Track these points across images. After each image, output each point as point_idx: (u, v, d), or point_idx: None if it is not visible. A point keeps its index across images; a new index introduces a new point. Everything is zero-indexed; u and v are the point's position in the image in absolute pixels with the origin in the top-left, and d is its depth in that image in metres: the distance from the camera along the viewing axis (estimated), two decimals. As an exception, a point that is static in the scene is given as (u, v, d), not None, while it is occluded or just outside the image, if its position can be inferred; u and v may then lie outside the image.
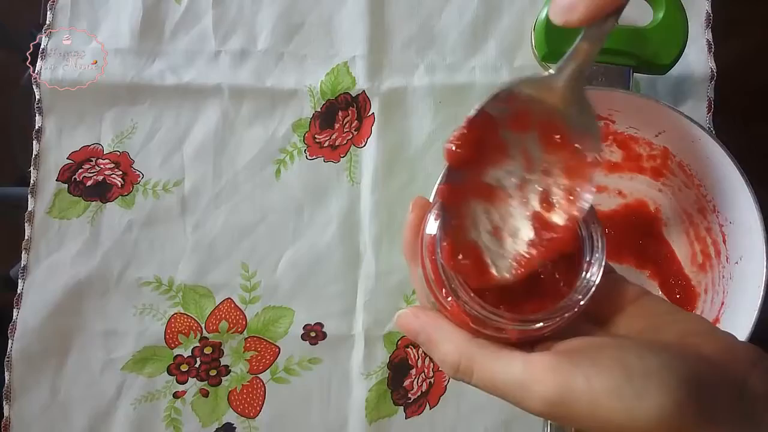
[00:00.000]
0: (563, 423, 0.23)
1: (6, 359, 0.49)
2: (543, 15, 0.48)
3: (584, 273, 0.25)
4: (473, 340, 0.25)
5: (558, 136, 0.26)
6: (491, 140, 0.26)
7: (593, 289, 0.25)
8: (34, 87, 0.53)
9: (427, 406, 0.50)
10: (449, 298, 0.25)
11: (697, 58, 0.54)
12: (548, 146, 0.26)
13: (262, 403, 0.50)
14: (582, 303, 0.24)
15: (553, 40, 0.48)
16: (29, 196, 0.52)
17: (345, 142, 0.53)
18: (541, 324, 0.24)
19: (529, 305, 0.25)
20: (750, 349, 0.24)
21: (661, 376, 0.21)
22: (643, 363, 0.21)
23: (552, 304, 0.25)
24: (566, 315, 0.24)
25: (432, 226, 0.26)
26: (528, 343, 0.25)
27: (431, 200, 0.29)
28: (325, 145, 0.53)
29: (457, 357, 0.25)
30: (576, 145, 0.26)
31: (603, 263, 0.25)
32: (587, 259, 0.25)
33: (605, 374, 0.21)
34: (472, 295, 0.24)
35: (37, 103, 0.53)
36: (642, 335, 0.25)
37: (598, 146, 0.26)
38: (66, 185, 0.52)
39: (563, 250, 0.25)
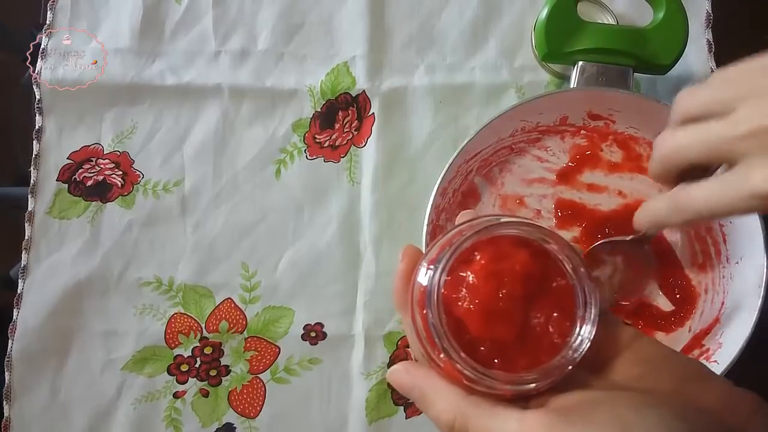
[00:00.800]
0: None
1: (6, 359, 0.49)
2: (543, 15, 0.48)
3: (578, 328, 0.25)
4: (467, 398, 0.24)
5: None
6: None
7: (587, 346, 0.24)
8: (34, 87, 0.53)
9: (427, 406, 0.50)
10: (441, 355, 0.24)
11: (697, 58, 0.54)
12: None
13: (263, 403, 0.50)
14: (576, 360, 0.24)
15: (553, 40, 0.48)
16: (29, 196, 0.52)
17: (345, 142, 0.53)
18: (535, 384, 0.24)
19: (523, 359, 0.25)
20: (748, 396, 0.24)
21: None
22: (639, 418, 0.21)
23: (546, 356, 0.24)
24: (559, 373, 0.24)
25: (423, 277, 0.26)
26: (523, 397, 0.25)
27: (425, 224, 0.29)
28: (325, 145, 0.53)
29: (451, 416, 0.24)
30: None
31: (597, 320, 0.25)
32: (580, 314, 0.25)
33: None
34: (463, 355, 0.24)
35: (37, 103, 0.53)
36: (638, 382, 0.24)
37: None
38: (66, 185, 0.52)
39: None
